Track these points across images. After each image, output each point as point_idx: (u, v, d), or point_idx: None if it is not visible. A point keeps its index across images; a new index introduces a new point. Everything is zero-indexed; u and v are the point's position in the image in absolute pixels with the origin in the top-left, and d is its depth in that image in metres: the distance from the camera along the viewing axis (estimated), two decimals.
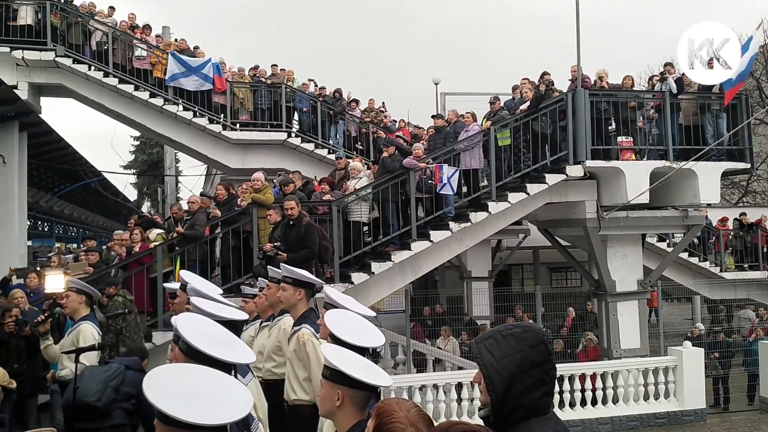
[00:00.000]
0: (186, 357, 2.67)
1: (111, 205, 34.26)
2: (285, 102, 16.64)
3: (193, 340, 2.62)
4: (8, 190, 15.96)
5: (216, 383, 2.09)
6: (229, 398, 2.02)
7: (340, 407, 2.65)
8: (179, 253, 10.64)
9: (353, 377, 2.59)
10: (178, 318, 2.86)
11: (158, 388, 1.93)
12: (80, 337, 6.02)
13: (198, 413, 1.86)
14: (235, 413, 1.95)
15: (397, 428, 2.13)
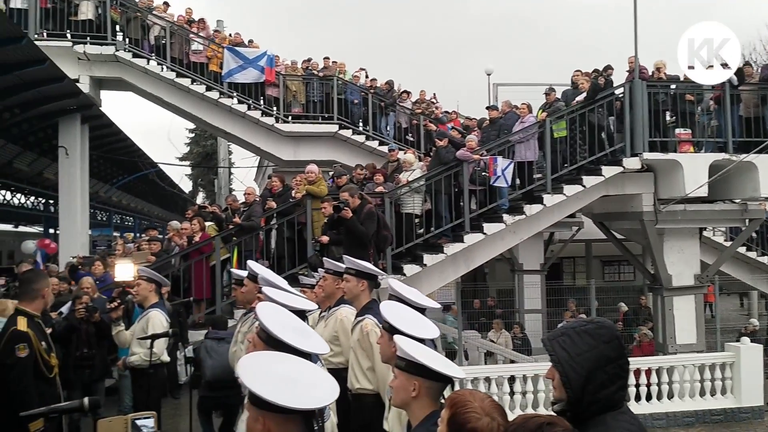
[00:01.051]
0: (266, 345, 2.77)
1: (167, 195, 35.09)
2: (336, 94, 16.78)
3: (274, 330, 2.71)
4: (71, 181, 16.51)
5: (304, 370, 2.18)
6: (317, 385, 2.10)
7: (415, 398, 2.71)
8: (236, 244, 10.88)
9: (431, 368, 2.65)
10: (258, 307, 2.97)
11: (252, 373, 2.02)
12: (149, 324, 6.23)
13: (291, 398, 1.95)
14: (325, 399, 2.03)
15: (472, 418, 2.18)
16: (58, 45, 15.32)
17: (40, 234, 28.30)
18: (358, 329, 4.58)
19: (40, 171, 20.78)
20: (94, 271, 10.17)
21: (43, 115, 16.19)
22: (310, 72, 17.11)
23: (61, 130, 16.30)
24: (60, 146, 16.24)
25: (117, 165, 25.68)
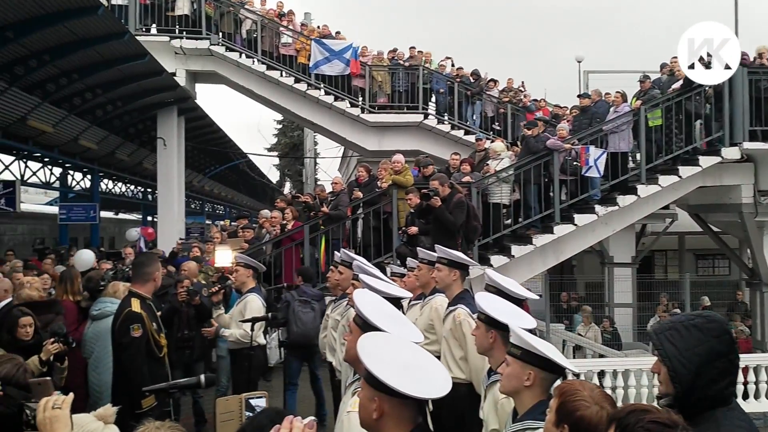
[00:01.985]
0: (361, 331, 2.84)
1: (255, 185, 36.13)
2: (422, 84, 16.79)
3: (370, 316, 2.77)
4: (169, 170, 17.31)
5: (419, 357, 2.23)
6: (433, 373, 2.15)
7: (528, 387, 2.74)
8: (324, 232, 11.12)
9: (550, 359, 2.67)
10: (355, 294, 3.05)
11: (373, 356, 2.09)
12: (247, 308, 6.48)
13: (410, 385, 2.01)
14: (442, 388, 2.08)
15: (581, 406, 2.19)
16: (156, 40, 16.02)
17: (138, 221, 29.79)
18: (451, 319, 4.62)
19: (140, 161, 21.86)
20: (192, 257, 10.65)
21: (142, 108, 17.02)
22: (396, 62, 17.19)
23: (160, 122, 17.10)
24: (158, 137, 17.04)
25: (209, 155, 26.66)
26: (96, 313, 6.22)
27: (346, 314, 5.34)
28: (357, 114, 16.74)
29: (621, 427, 1.94)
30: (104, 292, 6.48)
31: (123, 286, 6.13)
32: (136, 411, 4.66)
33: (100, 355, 5.88)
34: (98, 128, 16.91)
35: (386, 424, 2.10)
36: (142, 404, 4.70)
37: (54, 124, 14.67)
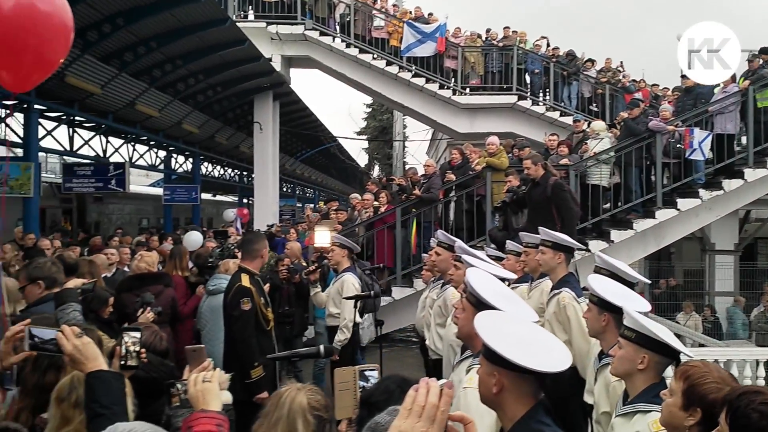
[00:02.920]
0: (475, 310, 2.86)
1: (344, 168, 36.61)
2: (516, 64, 16.51)
3: (485, 295, 2.78)
4: (264, 154, 17.85)
5: (537, 334, 2.24)
6: (553, 349, 2.16)
7: (641, 370, 2.72)
8: (416, 215, 11.17)
9: (667, 343, 2.63)
10: (469, 273, 3.07)
11: (491, 332, 2.12)
12: (343, 287, 6.64)
13: (529, 359, 2.02)
14: (562, 363, 2.09)
15: (714, 389, 2.14)
16: (254, 26, 16.46)
17: (234, 203, 30.88)
18: (555, 302, 4.57)
19: (237, 145, 22.61)
20: (288, 238, 10.98)
21: (240, 93, 17.58)
22: (489, 42, 16.96)
23: (256, 107, 17.64)
24: (255, 122, 17.59)
25: (301, 139, 27.24)
26: (212, 288, 6.53)
27: (443, 295, 5.38)
28: (448, 96, 16.66)
29: (732, 410, 1.89)
30: (218, 270, 6.80)
31: (233, 263, 6.44)
32: (245, 381, 4.90)
33: (213, 328, 6.17)
34: (199, 113, 17.60)
35: (506, 399, 2.12)
36: (251, 374, 4.93)
37: (160, 109, 15.39)
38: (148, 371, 2.84)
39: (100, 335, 2.81)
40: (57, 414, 2.44)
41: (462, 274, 4.65)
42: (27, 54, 3.30)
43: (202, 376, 2.28)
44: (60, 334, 2.35)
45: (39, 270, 4.19)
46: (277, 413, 2.22)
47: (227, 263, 6.48)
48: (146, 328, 3.02)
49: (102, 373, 2.30)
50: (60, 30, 3.40)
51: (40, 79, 3.59)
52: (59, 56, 3.54)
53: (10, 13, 3.17)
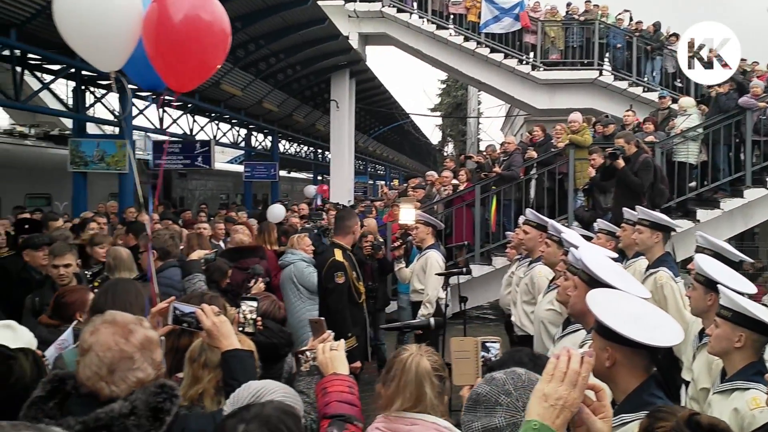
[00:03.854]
0: (587, 287, 2.91)
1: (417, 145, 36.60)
2: (597, 39, 16.11)
3: (599, 272, 2.83)
4: (341, 132, 18.09)
5: (648, 310, 2.30)
6: (663, 325, 2.21)
7: (738, 348, 2.74)
8: (495, 193, 11.14)
9: (764, 321, 2.63)
10: (582, 251, 3.12)
11: (603, 308, 2.19)
12: (427, 264, 6.77)
13: (640, 333, 2.09)
14: (674, 337, 2.15)
15: None
16: (332, 4, 16.61)
17: (308, 180, 31.44)
18: (651, 281, 4.54)
19: (313, 122, 22.99)
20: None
21: (318, 71, 17.83)
22: (570, 17, 16.59)
23: (333, 85, 17.87)
24: (332, 100, 17.83)
25: (374, 116, 27.42)
26: (280, 263, 6.86)
27: (530, 273, 5.42)
28: (527, 71, 16.44)
29: None
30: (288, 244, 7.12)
31: (297, 238, 6.77)
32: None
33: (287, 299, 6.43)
34: (279, 91, 17.98)
35: (619, 372, 2.19)
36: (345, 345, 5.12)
37: (242, 88, 15.82)
38: (268, 337, 3.04)
39: (224, 303, 3.02)
40: (189, 373, 2.66)
41: (552, 252, 4.69)
42: (191, 60, 3.57)
43: (330, 345, 2.46)
44: (200, 311, 2.55)
45: (156, 241, 4.50)
46: (404, 377, 2.36)
47: (293, 239, 6.78)
48: (265, 298, 3.23)
49: (238, 352, 2.49)
50: (220, 37, 3.65)
51: (200, 81, 3.89)
52: (218, 61, 3.81)
53: (179, 24, 3.44)
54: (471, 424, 1.73)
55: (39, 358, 2.44)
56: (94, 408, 1.93)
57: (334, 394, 2.31)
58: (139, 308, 2.89)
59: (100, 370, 2.01)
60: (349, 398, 2.31)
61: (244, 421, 1.71)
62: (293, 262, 6.79)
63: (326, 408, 2.29)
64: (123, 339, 2.06)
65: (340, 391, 2.27)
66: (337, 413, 2.25)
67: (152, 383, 2.07)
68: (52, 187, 14.15)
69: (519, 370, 1.80)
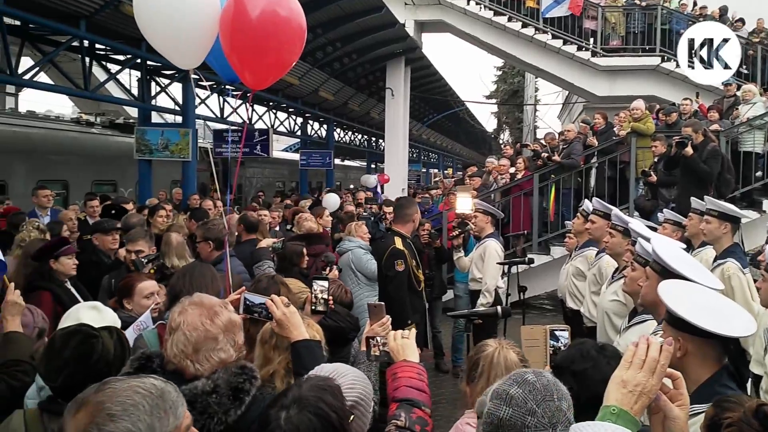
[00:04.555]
0: (660, 277, 2.88)
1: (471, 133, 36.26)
2: (660, 24, 15.67)
3: (672, 263, 2.80)
4: (395, 120, 18.10)
5: (720, 301, 2.29)
6: (735, 314, 2.20)
7: None
8: (554, 181, 11.01)
9: None
10: (655, 241, 3.09)
11: (675, 298, 2.19)
12: (486, 253, 6.76)
13: (712, 323, 2.08)
14: (746, 328, 2.13)
15: None
16: None
17: (361, 168, 31.61)
18: (719, 272, 4.45)
19: (368, 111, 23.08)
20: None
21: (373, 60, 17.86)
22: (631, 2, 16.18)
23: (389, 73, 17.87)
24: (387, 88, 17.85)
25: (428, 104, 27.32)
26: (338, 250, 6.96)
27: (597, 263, 5.35)
28: (586, 58, 16.14)
29: None
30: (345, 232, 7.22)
31: (354, 225, 6.86)
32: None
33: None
34: (335, 80, 18.10)
35: (690, 363, 2.18)
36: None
37: (300, 77, 15.99)
38: (336, 321, 3.13)
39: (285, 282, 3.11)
40: (260, 354, 2.75)
41: (617, 242, 4.63)
42: (268, 56, 3.59)
43: (401, 332, 2.52)
44: (270, 302, 2.62)
45: (210, 231, 4.64)
46: (493, 372, 2.40)
47: (350, 226, 6.87)
48: (332, 282, 3.31)
49: (308, 342, 2.56)
50: (296, 34, 3.67)
51: (276, 78, 3.87)
52: (294, 57, 3.80)
53: (256, 20, 3.46)
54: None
55: (123, 337, 2.56)
56: (179, 385, 2.02)
57: (403, 379, 2.36)
58: (214, 292, 3.01)
59: (186, 349, 2.12)
60: (418, 384, 2.36)
61: (284, 407, 1.75)
62: (351, 249, 6.90)
63: (395, 392, 2.35)
64: (209, 320, 2.17)
65: (409, 377, 2.33)
66: (405, 397, 2.31)
67: (234, 364, 2.16)
68: (118, 174, 14.63)
69: (528, 376, 1.71)
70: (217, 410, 2.02)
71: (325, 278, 3.09)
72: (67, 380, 2.28)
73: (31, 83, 10.19)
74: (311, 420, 1.73)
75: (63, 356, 2.30)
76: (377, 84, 20.05)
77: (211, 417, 2.01)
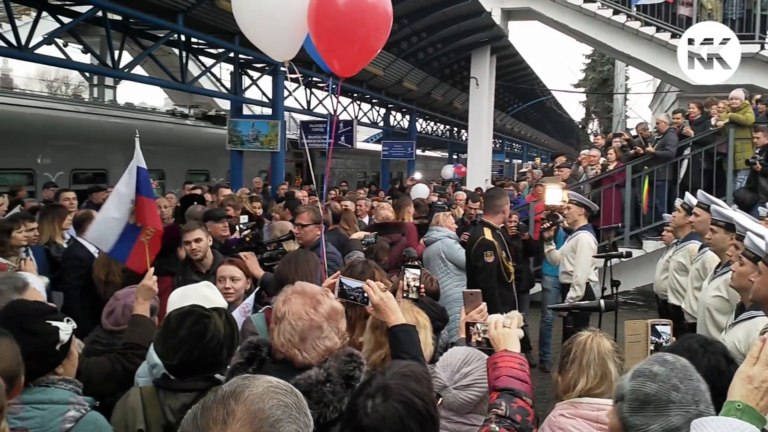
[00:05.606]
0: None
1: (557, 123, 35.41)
2: (760, 10, 14.79)
3: None
4: (480, 110, 17.93)
5: None
6: None
7: None
8: (648, 173, 10.64)
9: None
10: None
11: None
12: (578, 245, 6.62)
13: None
14: None
15: None
16: None
17: (443, 159, 31.47)
18: None
19: (451, 101, 22.95)
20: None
21: (458, 49, 17.75)
22: None
23: (473, 62, 17.71)
24: (471, 77, 17.69)
25: (513, 93, 26.90)
26: (425, 239, 6.99)
27: (701, 258, 5.17)
28: None
29: None
30: (431, 222, 7.25)
31: (443, 216, 6.97)
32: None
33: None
34: (419, 70, 18.11)
35: None
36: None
37: (384, 68, 16.08)
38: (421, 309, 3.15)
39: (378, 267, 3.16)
40: (371, 339, 2.77)
41: (720, 238, 4.45)
42: (356, 44, 3.63)
43: (503, 321, 2.50)
44: (367, 287, 2.64)
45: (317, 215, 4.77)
46: (585, 358, 2.38)
47: (438, 216, 6.88)
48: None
49: (407, 327, 2.57)
50: (383, 20, 3.68)
51: (362, 65, 3.88)
52: (380, 44, 3.79)
53: (343, 7, 3.51)
54: (647, 428, 1.67)
55: (232, 318, 2.68)
56: (290, 374, 2.05)
57: (504, 369, 2.35)
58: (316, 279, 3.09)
59: (293, 338, 2.17)
60: (520, 374, 2.34)
61: (370, 396, 1.77)
62: (440, 239, 6.94)
63: (496, 381, 2.34)
64: (312, 309, 2.21)
65: (510, 366, 2.31)
66: (506, 387, 2.30)
67: (341, 352, 2.21)
68: (210, 163, 15.18)
69: (668, 357, 1.76)
70: (332, 399, 2.05)
71: (417, 266, 3.11)
72: (184, 358, 2.40)
73: (133, 76, 10.71)
74: (396, 408, 1.75)
75: (179, 335, 2.42)
76: (461, 73, 19.91)
77: (326, 406, 2.04)
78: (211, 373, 2.47)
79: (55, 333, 2.32)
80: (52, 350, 2.29)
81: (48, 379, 2.27)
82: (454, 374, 2.48)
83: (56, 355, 2.32)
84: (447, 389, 2.48)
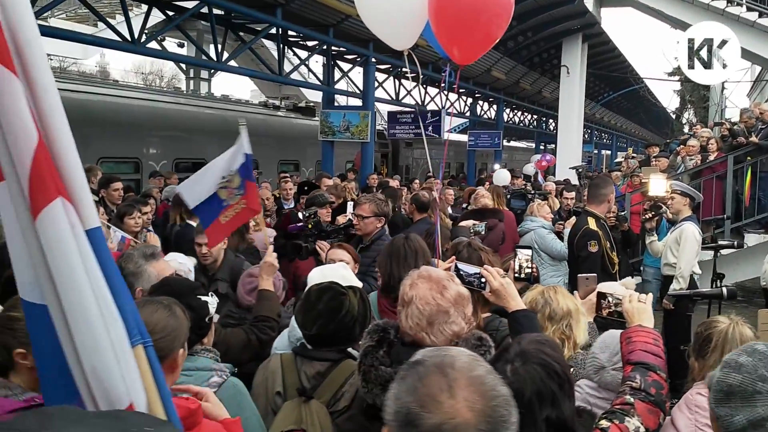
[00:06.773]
0: None
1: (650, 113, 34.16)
2: None
3: None
4: (570, 98, 17.60)
5: None
6: None
7: None
8: (751, 164, 10.21)
9: None
10: None
11: None
12: (682, 236, 6.46)
13: None
14: None
15: None
16: None
17: (530, 150, 30.96)
18: None
19: (539, 90, 22.56)
20: None
21: (549, 37, 17.44)
22: None
23: (564, 50, 17.39)
24: (562, 65, 17.37)
25: (604, 82, 26.14)
26: (520, 229, 6.97)
27: None
28: None
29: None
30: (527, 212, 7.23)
31: (536, 205, 7.00)
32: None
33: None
34: (508, 59, 17.89)
35: None
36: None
37: None
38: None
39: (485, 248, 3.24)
40: None
41: None
42: (477, 31, 3.57)
43: (637, 296, 2.52)
44: (486, 272, 2.68)
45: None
46: (728, 345, 2.39)
47: (532, 206, 6.86)
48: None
49: (526, 312, 2.62)
50: (505, 7, 3.61)
51: (481, 53, 3.81)
52: (501, 32, 3.71)
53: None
54: (732, 419, 1.66)
55: (365, 296, 2.81)
56: None
57: (638, 343, 2.36)
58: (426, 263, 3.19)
59: (421, 322, 2.24)
60: (654, 349, 2.35)
61: (509, 361, 1.86)
62: (534, 229, 6.93)
63: (630, 355, 2.35)
64: (439, 294, 2.27)
65: (644, 341, 2.33)
66: (640, 360, 2.32)
67: (470, 335, 2.28)
68: (300, 154, 15.55)
69: (758, 346, 1.73)
70: None
71: (528, 246, 3.15)
72: (320, 329, 2.57)
73: (235, 69, 11.13)
74: (536, 369, 1.84)
75: (317, 308, 2.59)
76: (551, 62, 19.57)
77: None
78: (344, 346, 2.62)
79: (206, 307, 2.60)
80: (203, 322, 2.55)
81: (193, 348, 2.50)
82: (614, 356, 2.51)
83: (205, 327, 2.58)
84: (605, 369, 2.53)
